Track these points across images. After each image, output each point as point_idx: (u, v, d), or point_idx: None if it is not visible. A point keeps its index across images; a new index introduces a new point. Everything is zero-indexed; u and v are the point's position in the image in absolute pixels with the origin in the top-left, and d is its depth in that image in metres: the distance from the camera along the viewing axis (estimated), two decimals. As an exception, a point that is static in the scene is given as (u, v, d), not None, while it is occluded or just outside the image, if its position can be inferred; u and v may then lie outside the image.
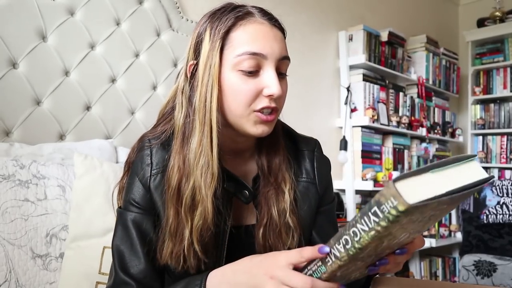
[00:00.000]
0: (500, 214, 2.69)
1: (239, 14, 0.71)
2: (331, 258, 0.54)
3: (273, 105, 0.71)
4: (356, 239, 0.49)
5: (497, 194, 2.75)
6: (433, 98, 3.09)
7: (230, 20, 0.70)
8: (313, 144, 0.88)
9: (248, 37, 0.70)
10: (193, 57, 0.74)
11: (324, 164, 0.87)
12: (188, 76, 0.75)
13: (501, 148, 3.27)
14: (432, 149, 2.98)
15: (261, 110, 0.71)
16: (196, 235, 0.70)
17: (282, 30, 0.76)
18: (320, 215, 0.85)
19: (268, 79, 0.70)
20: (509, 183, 2.75)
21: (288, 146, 0.84)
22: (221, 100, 0.72)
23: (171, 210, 0.72)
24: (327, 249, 0.53)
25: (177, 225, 0.71)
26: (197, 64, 0.73)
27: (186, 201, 0.71)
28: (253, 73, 0.70)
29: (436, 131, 2.99)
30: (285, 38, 0.76)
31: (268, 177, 0.78)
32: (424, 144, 2.89)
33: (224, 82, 0.71)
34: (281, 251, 0.62)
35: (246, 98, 0.70)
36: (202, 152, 0.70)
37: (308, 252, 0.56)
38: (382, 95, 2.60)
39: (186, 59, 0.76)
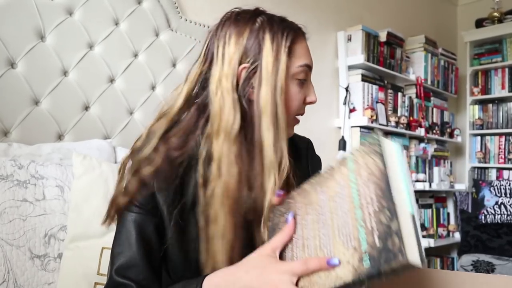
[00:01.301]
0: (498, 214, 2.70)
1: (294, 30, 0.78)
2: None
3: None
4: None
5: (496, 194, 2.76)
6: (432, 98, 3.10)
7: (292, 34, 0.77)
8: (306, 143, 0.94)
9: (304, 51, 0.79)
10: (244, 60, 0.75)
11: (317, 162, 0.94)
12: (241, 78, 0.75)
13: (499, 148, 3.28)
14: (431, 149, 2.98)
15: (299, 115, 0.81)
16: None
17: None
18: None
19: (311, 89, 0.81)
20: (507, 183, 2.76)
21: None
22: None
23: (221, 213, 0.70)
24: (336, 261, 0.53)
25: (234, 230, 0.71)
26: (255, 69, 0.74)
27: (246, 207, 0.71)
28: (303, 82, 0.79)
29: (434, 131, 2.99)
30: None
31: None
32: (422, 144, 2.89)
33: (286, 89, 0.76)
34: (283, 262, 0.60)
35: (298, 105, 0.79)
36: (277, 150, 0.73)
37: (315, 263, 0.55)
38: (381, 95, 2.60)
39: (229, 61, 0.75)
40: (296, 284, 0.56)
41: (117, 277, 0.73)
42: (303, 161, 0.89)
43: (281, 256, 0.63)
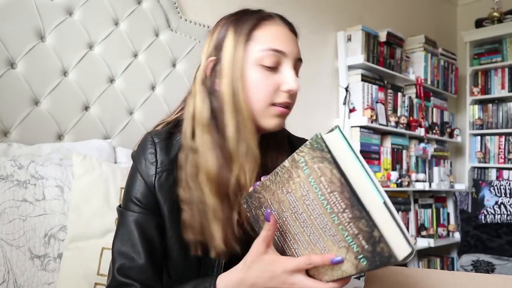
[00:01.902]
0: (498, 214, 2.70)
1: (263, 16, 0.77)
2: None
3: (289, 101, 0.76)
4: None
5: (495, 194, 2.76)
6: (432, 98, 3.10)
7: (253, 20, 0.76)
8: None
9: (271, 36, 0.75)
10: (213, 53, 0.77)
11: None
12: (208, 71, 0.77)
13: (499, 148, 3.28)
14: (431, 149, 2.98)
15: (279, 104, 0.76)
16: (244, 216, 0.73)
17: (296, 35, 0.81)
18: None
19: (287, 75, 0.75)
20: (507, 183, 2.76)
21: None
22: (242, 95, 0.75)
23: (209, 196, 0.72)
24: (339, 258, 0.54)
25: (224, 209, 0.72)
26: (219, 60, 0.76)
27: (231, 187, 0.72)
28: (273, 69, 0.75)
29: (434, 131, 2.99)
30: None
31: None
32: (422, 144, 2.89)
33: (247, 77, 0.74)
34: (287, 259, 0.60)
35: (266, 93, 0.74)
36: (241, 139, 0.73)
37: (318, 260, 0.56)
38: (381, 95, 2.60)
39: (206, 56, 0.78)
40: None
41: (120, 277, 0.73)
42: None
43: (277, 249, 0.63)
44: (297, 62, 0.79)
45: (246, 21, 0.76)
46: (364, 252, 0.50)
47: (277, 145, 0.82)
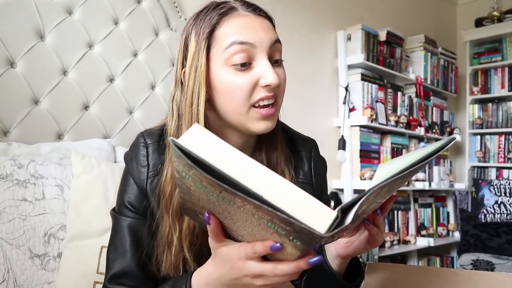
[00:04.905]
0: (498, 214, 2.70)
1: (222, 11, 0.70)
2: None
3: (271, 93, 0.69)
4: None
5: (495, 194, 2.76)
6: (431, 97, 3.10)
7: (214, 19, 0.69)
8: (311, 145, 0.88)
9: (234, 30, 0.68)
10: (184, 63, 0.73)
11: (321, 165, 0.87)
12: (180, 83, 0.74)
13: (499, 147, 3.28)
14: (430, 148, 2.98)
15: (259, 105, 0.69)
16: (185, 242, 0.70)
17: (268, 18, 0.74)
18: None
19: (263, 69, 0.68)
20: (507, 182, 2.76)
21: (287, 146, 0.83)
22: (217, 101, 0.71)
23: (166, 220, 0.71)
24: (278, 245, 0.51)
25: (173, 234, 0.71)
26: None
27: (173, 207, 0.70)
28: (246, 65, 0.68)
29: (434, 130, 2.99)
30: (274, 26, 0.75)
31: None
32: (422, 144, 2.89)
33: (217, 81, 0.69)
34: (237, 248, 0.57)
35: (243, 93, 0.68)
36: None
37: (260, 249, 0.53)
38: (381, 94, 2.61)
39: (176, 66, 0.74)
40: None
41: (112, 284, 0.73)
42: (305, 165, 0.84)
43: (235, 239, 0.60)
44: (274, 48, 0.70)
45: (205, 21, 0.70)
46: (291, 234, 0.47)
47: (270, 142, 0.78)
